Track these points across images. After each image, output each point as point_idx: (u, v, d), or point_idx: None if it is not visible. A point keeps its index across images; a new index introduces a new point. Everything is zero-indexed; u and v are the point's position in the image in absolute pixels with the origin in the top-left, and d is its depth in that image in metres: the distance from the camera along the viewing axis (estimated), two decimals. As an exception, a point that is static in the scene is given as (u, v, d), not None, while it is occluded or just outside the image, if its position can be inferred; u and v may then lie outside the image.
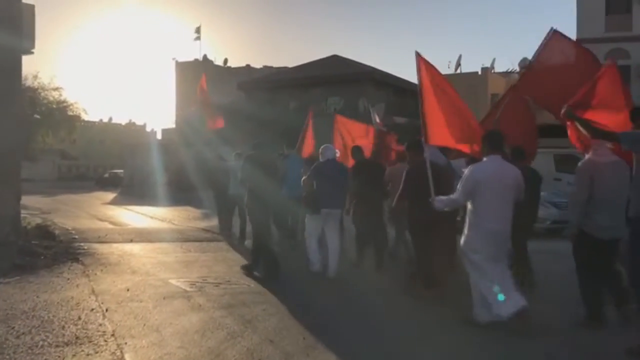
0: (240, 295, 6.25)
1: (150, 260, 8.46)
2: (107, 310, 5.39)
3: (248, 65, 53.95)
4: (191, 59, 54.49)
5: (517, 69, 44.75)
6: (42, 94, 41.71)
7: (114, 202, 24.15)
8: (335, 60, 31.75)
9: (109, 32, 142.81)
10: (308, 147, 10.32)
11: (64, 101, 42.92)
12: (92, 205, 21.86)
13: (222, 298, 6.09)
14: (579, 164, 5.18)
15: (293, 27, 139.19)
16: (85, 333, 4.68)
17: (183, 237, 11.35)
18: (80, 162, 67.79)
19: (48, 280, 6.67)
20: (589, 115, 5.03)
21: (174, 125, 43.28)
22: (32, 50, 8.82)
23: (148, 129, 73.34)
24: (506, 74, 42.15)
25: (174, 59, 55.25)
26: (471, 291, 5.12)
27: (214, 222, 12.93)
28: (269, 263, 7.10)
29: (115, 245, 9.98)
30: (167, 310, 5.48)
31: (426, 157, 5.66)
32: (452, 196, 5.20)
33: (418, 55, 5.76)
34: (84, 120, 49.18)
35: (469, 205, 5.11)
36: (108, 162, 56.49)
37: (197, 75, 51.95)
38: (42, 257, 7.86)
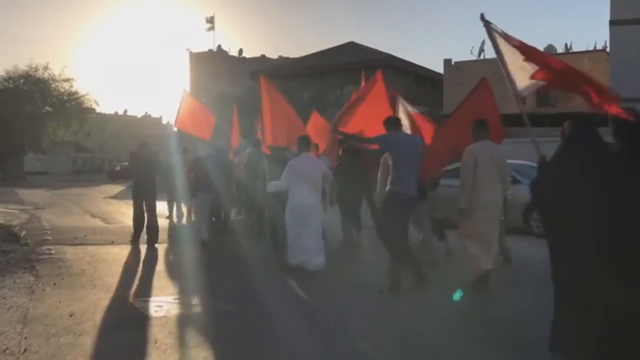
0: (214, 323, 4.82)
1: (122, 269, 7.10)
2: (25, 350, 3.98)
3: (263, 56, 52.43)
4: (205, 49, 53.18)
5: (544, 56, 42.61)
6: (53, 85, 40.67)
7: (118, 197, 22.94)
8: (351, 47, 30.10)
9: (123, 23, 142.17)
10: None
11: (75, 93, 41.74)
12: (93, 200, 20.68)
13: (189, 329, 4.67)
14: (383, 156, 6.97)
15: (309, 15, 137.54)
16: (-27, 393, 3.30)
17: (174, 237, 10.04)
18: (96, 155, 67.24)
19: (-22, 300, 5.32)
20: (359, 126, 7.07)
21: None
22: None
23: (164, 122, 72.22)
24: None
25: (188, 49, 53.98)
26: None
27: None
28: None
29: (90, 248, 8.64)
30: (108, 351, 4.06)
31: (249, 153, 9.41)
32: (279, 182, 6.93)
33: (262, 77, 8.12)
34: (96, 112, 48.02)
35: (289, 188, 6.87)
36: (123, 155, 55.50)
37: (212, 66, 50.70)
38: (-12, 267, 6.54)
